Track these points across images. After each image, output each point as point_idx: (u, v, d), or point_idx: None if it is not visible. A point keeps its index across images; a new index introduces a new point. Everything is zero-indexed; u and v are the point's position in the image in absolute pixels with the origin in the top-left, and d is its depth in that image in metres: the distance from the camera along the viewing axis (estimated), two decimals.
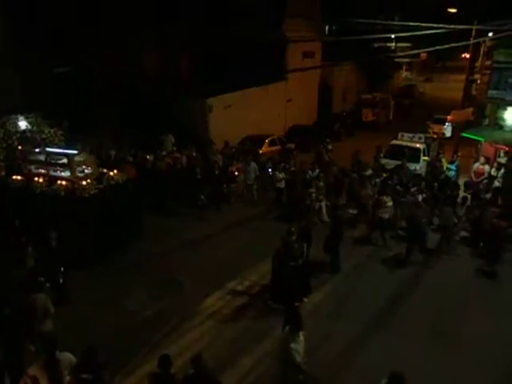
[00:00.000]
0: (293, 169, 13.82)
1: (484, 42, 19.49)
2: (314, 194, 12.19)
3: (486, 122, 18.45)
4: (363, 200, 12.00)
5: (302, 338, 5.91)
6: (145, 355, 7.26)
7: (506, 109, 16.84)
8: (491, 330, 8.02)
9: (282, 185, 13.64)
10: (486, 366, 7.19)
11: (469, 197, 12.49)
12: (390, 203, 11.16)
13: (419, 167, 15.40)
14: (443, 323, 8.31)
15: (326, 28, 29.94)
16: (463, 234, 11.79)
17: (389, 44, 36.44)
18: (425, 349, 7.56)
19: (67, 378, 5.56)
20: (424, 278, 10.02)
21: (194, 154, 14.82)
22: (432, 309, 8.71)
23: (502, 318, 8.39)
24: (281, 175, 13.65)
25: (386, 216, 11.20)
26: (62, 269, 8.48)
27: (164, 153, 14.59)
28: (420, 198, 11.47)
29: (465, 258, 10.86)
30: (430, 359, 7.31)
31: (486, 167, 14.35)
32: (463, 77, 20.58)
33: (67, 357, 5.62)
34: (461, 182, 14.59)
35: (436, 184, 13.12)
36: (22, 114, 11.22)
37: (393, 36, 28.95)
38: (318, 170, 13.45)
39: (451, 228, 10.95)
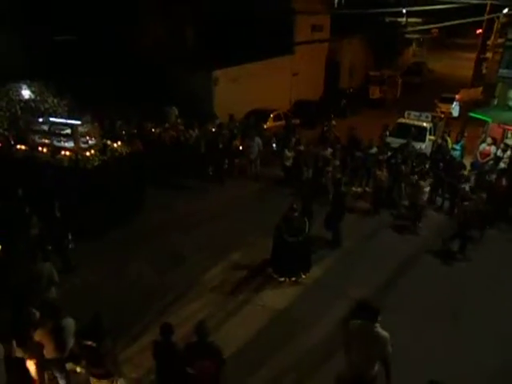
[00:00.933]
0: (302, 147, 13.63)
1: (498, 18, 18.91)
2: (330, 173, 12.04)
3: (495, 102, 18.14)
4: (381, 183, 11.79)
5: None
6: (146, 324, 7.43)
7: None
8: (491, 311, 8.12)
9: (290, 163, 13.49)
10: (483, 345, 7.34)
11: (472, 177, 12.44)
12: (428, 188, 10.97)
13: (424, 146, 15.27)
14: (442, 302, 8.40)
15: (336, 1, 29.13)
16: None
17: (399, 19, 35.49)
18: (421, 327, 7.67)
19: (72, 344, 5.72)
20: (425, 257, 10.07)
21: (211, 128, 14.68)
22: (431, 288, 8.79)
23: (503, 300, 8.47)
24: (290, 153, 13.47)
25: (423, 201, 11.08)
26: (70, 236, 8.61)
27: (167, 125, 14.50)
28: (467, 187, 11.09)
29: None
30: (426, 337, 7.44)
31: (493, 148, 14.21)
32: (475, 55, 20.10)
33: (71, 323, 5.77)
34: (466, 162, 14.49)
35: (442, 164, 13.02)
36: (24, 82, 11.12)
37: (404, 10, 28.18)
38: (330, 149, 13.23)
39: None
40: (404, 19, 35.90)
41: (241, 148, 14.36)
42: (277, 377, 6.57)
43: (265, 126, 17.34)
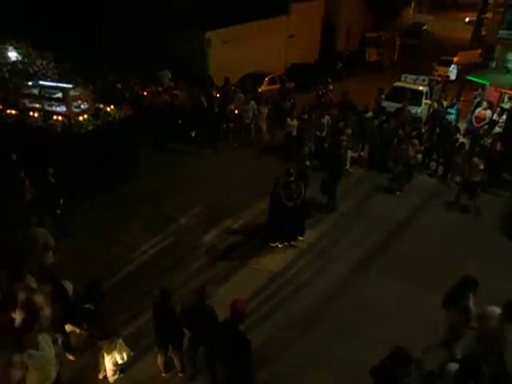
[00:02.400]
0: (305, 116, 13.23)
1: None
2: (345, 142, 11.64)
3: (494, 64, 17.82)
4: (410, 159, 11.14)
5: None
6: (143, 287, 7.55)
7: None
8: (480, 271, 8.26)
9: (294, 132, 12.95)
10: None
11: (466, 142, 12.41)
12: (482, 166, 10.37)
13: (420, 111, 15.14)
14: (435, 265, 8.56)
15: None
16: (459, 179, 11.88)
17: None
18: (415, 288, 7.82)
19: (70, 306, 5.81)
20: (419, 221, 10.19)
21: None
22: (425, 251, 8.93)
23: (489, 261, 8.60)
24: (294, 123, 12.93)
25: (478, 179, 10.48)
26: (62, 201, 8.60)
27: (160, 89, 14.21)
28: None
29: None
30: (418, 298, 7.63)
31: (488, 112, 14.10)
32: (475, 15, 19.62)
33: (68, 285, 5.86)
34: (461, 126, 14.43)
35: (438, 129, 12.96)
36: (10, 43, 10.72)
37: None
38: (327, 117, 12.88)
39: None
40: None
41: (236, 112, 14.15)
42: (273, 337, 6.76)
43: (259, 90, 17.07)
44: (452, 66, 22.70)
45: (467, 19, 44.54)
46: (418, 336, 6.25)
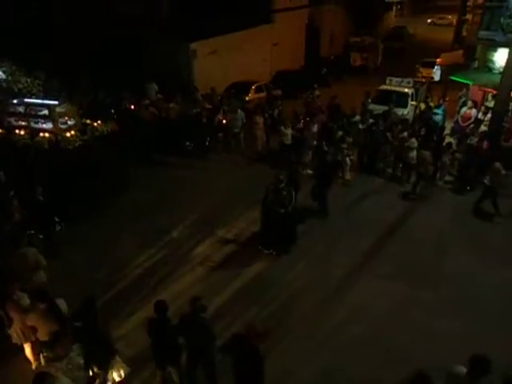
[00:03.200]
0: (300, 125, 13.11)
1: None
2: (345, 150, 11.68)
3: (476, 64, 18.11)
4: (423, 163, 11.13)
5: None
6: (138, 302, 7.48)
7: (496, 50, 16.45)
8: (473, 271, 8.37)
9: (289, 141, 12.78)
10: (463, 302, 7.59)
11: (454, 142, 12.58)
12: (504, 171, 10.19)
13: (407, 112, 15.32)
14: (427, 264, 8.63)
15: None
16: (448, 178, 12.02)
17: None
18: (410, 289, 7.89)
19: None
20: (411, 220, 10.28)
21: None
22: (418, 251, 9.01)
23: (484, 260, 8.72)
24: (288, 131, 12.74)
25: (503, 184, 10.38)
26: (57, 218, 8.50)
27: (147, 101, 14.19)
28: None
29: (451, 202, 11.12)
30: (414, 299, 7.67)
31: (473, 111, 14.31)
32: (455, 17, 19.95)
33: (62, 303, 5.79)
34: (448, 126, 14.62)
35: (423, 129, 13.11)
36: None
37: None
38: (317, 125, 12.94)
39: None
40: None
41: (224, 122, 14.16)
42: (269, 345, 6.69)
43: (247, 98, 17.15)
44: (436, 67, 23.03)
45: (429, 20, 46.44)
46: (420, 343, 6.29)
